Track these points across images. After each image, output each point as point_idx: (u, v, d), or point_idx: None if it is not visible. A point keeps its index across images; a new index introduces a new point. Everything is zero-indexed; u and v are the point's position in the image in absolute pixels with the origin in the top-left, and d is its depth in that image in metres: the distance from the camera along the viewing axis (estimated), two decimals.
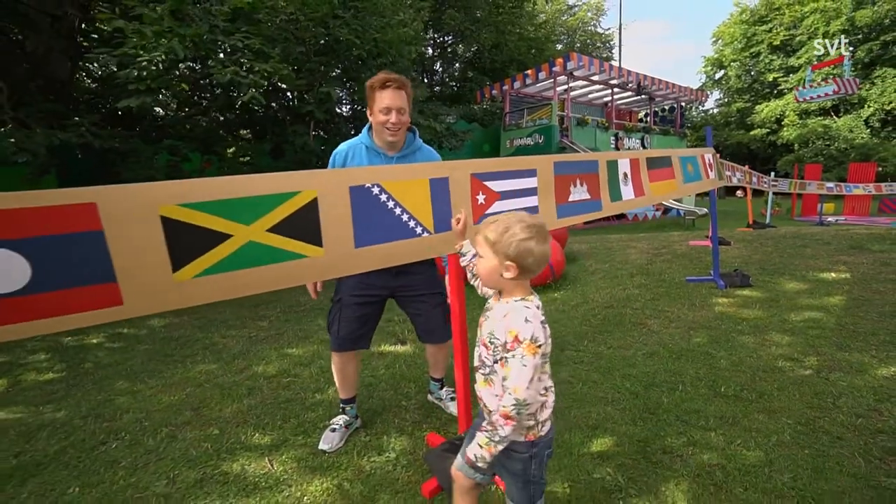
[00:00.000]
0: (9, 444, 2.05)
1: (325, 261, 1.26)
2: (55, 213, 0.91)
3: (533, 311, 1.00)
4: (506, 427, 0.98)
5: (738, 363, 2.31)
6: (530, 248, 0.99)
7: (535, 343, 0.97)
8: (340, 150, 1.73)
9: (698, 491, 1.47)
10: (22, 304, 0.92)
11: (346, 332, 1.81)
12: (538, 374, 0.98)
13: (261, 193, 1.13)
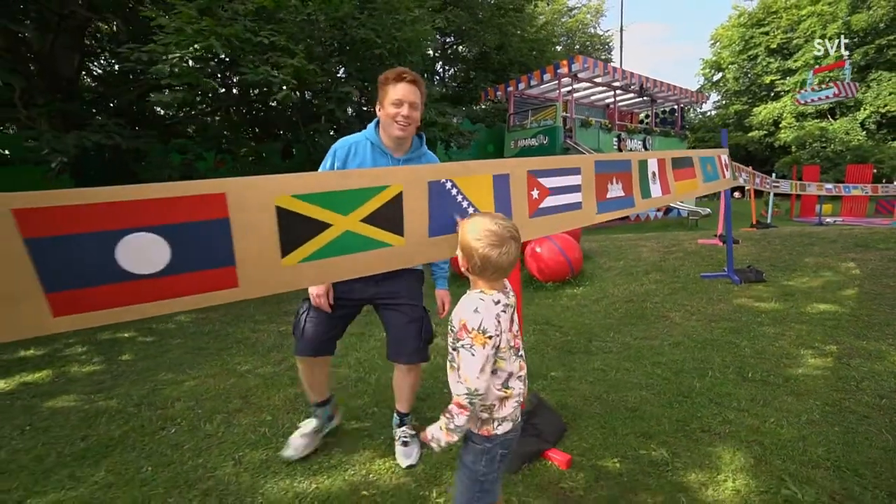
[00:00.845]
0: (71, 428, 2.14)
1: (405, 249, 1.36)
2: (193, 202, 1.02)
3: (486, 304, 1.01)
4: (460, 416, 1.00)
5: (761, 351, 2.44)
6: (475, 248, 1.02)
7: (484, 333, 0.98)
8: (342, 145, 1.64)
9: (740, 463, 1.59)
10: (160, 285, 1.02)
11: (312, 334, 1.68)
12: (489, 365, 1.00)
13: (357, 187, 1.24)
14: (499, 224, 1.05)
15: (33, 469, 1.81)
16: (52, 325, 0.94)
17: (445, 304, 1.78)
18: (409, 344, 1.70)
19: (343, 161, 1.62)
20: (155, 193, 0.98)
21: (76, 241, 0.91)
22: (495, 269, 1.03)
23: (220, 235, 1.06)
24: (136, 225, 0.96)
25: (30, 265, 0.88)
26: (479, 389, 0.99)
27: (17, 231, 0.85)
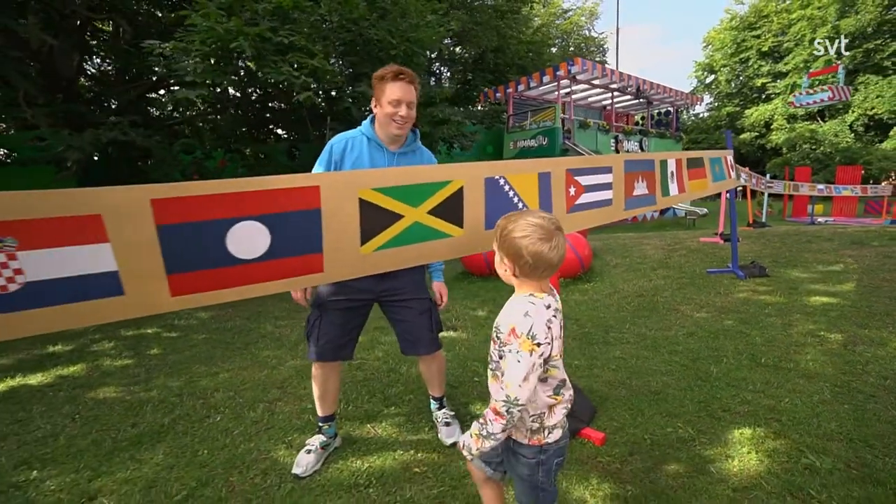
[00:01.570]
0: (119, 417, 2.23)
1: (463, 240, 1.49)
2: (292, 194, 1.13)
3: (537, 308, 0.95)
4: (494, 423, 0.96)
5: (771, 340, 2.59)
6: (524, 245, 0.95)
7: (532, 340, 0.92)
8: (338, 141, 1.66)
9: (761, 437, 1.73)
10: (260, 269, 1.14)
11: (327, 339, 1.68)
12: (536, 373, 0.93)
13: (425, 181, 1.36)
14: (542, 218, 0.99)
15: (94, 452, 1.91)
16: (169, 304, 1.05)
17: (443, 296, 1.84)
18: (422, 336, 1.75)
19: (340, 156, 1.64)
20: (259, 186, 1.09)
21: (195, 229, 1.02)
22: (547, 266, 0.97)
23: (313, 225, 1.18)
24: (243, 214, 1.08)
25: (158, 249, 0.99)
26: (519, 399, 0.92)
27: (152, 218, 0.96)
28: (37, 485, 1.71)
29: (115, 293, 0.98)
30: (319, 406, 1.81)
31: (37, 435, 2.08)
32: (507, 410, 0.94)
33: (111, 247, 0.94)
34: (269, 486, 1.63)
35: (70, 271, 0.92)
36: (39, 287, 0.89)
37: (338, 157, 1.64)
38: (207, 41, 3.75)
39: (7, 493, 1.66)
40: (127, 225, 0.94)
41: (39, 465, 1.83)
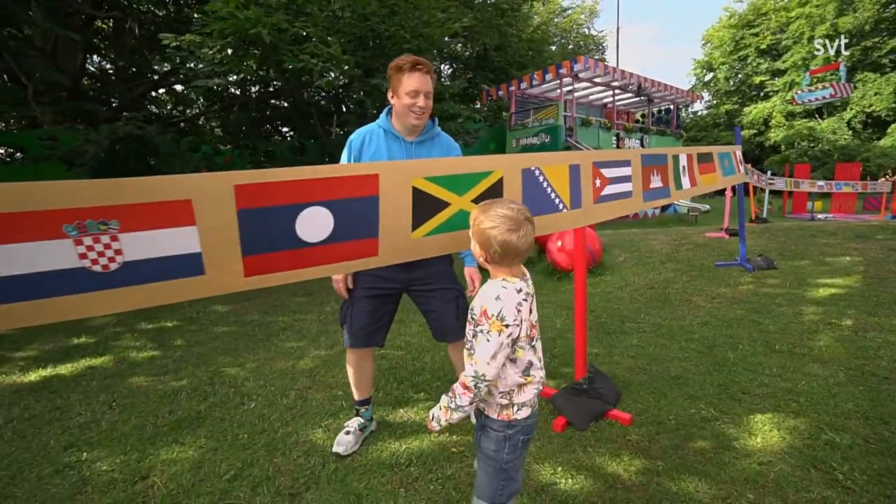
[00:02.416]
0: (155, 404, 2.30)
1: None
2: (355, 181, 1.20)
3: (508, 292, 1.01)
4: (462, 396, 1.02)
5: (783, 328, 2.68)
6: (492, 235, 1.01)
7: (502, 321, 0.98)
8: (357, 136, 1.68)
9: (781, 416, 1.82)
10: (323, 252, 1.21)
11: (359, 326, 1.74)
12: (504, 352, 1.00)
13: (470, 171, 1.43)
14: (511, 208, 1.03)
15: (138, 436, 1.98)
16: (242, 284, 1.12)
17: (475, 281, 1.82)
18: (451, 324, 1.78)
19: (359, 150, 1.67)
20: (326, 174, 1.16)
21: (269, 213, 1.09)
22: (516, 254, 1.03)
23: (371, 210, 1.25)
24: (312, 199, 1.15)
25: (236, 232, 1.06)
26: (486, 375, 0.99)
27: (234, 203, 1.03)
28: (88, 465, 1.78)
29: (197, 273, 1.05)
30: (355, 390, 1.89)
31: (79, 421, 2.15)
32: (474, 385, 1.01)
33: (197, 230, 1.01)
34: (313, 466, 1.71)
35: (161, 252, 0.99)
36: (135, 266, 0.96)
37: (356, 153, 1.67)
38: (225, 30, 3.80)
39: (63, 473, 1.73)
40: (212, 209, 1.01)
41: (88, 448, 1.90)
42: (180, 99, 10.81)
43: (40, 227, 0.84)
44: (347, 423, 1.87)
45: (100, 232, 0.90)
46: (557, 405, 1.93)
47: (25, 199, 0.81)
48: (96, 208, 0.88)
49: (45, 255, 0.86)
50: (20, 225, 0.82)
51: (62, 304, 0.90)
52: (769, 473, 1.50)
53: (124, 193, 0.91)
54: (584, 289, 1.97)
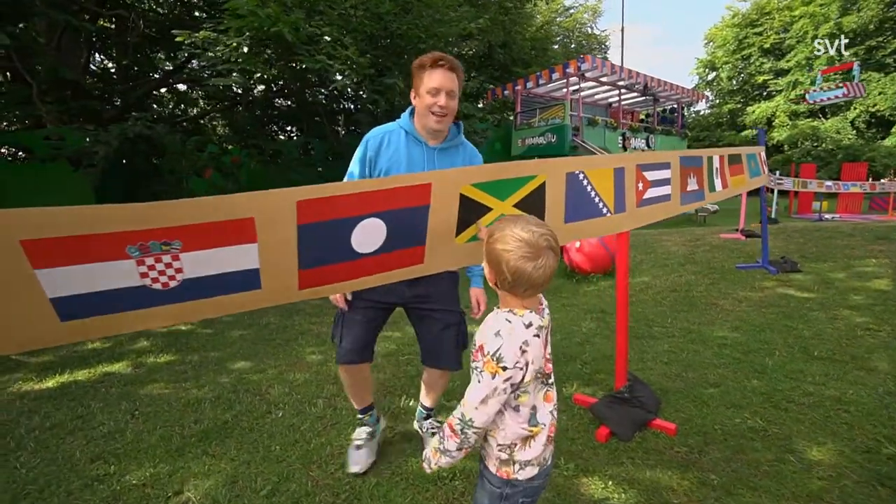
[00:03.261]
0: (179, 413, 2.23)
1: None
2: (409, 192, 1.14)
3: (511, 327, 0.86)
4: (449, 440, 0.90)
5: (819, 333, 2.62)
6: (505, 259, 0.86)
7: (498, 362, 0.83)
8: (374, 135, 1.55)
9: (833, 428, 1.76)
10: (374, 262, 1.15)
11: (351, 340, 1.61)
12: (498, 398, 0.85)
13: (513, 176, 1.37)
14: (532, 231, 0.86)
15: (165, 448, 1.91)
16: (296, 296, 1.07)
17: (481, 304, 1.70)
18: (445, 351, 1.67)
19: (376, 151, 1.53)
20: (384, 185, 1.11)
21: (328, 226, 1.04)
22: (528, 286, 0.87)
23: (421, 219, 1.20)
24: (369, 211, 1.09)
25: (295, 247, 1.01)
26: (474, 421, 0.86)
27: (295, 219, 0.98)
28: (117, 479, 1.72)
29: (253, 287, 1.00)
30: (355, 401, 1.78)
31: (102, 431, 2.08)
32: (461, 430, 0.88)
33: (258, 246, 0.96)
34: (352, 481, 1.65)
35: (220, 269, 0.94)
36: (194, 283, 0.92)
37: (373, 154, 1.53)
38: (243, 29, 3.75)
39: (92, 487, 1.67)
40: (274, 226, 0.96)
41: (114, 460, 1.84)
42: (182, 98, 10.76)
43: (106, 249, 0.82)
44: (355, 436, 1.74)
45: (162, 252, 0.87)
46: (600, 414, 1.87)
47: (92, 222, 0.79)
48: (160, 230, 0.85)
49: (109, 275, 0.85)
50: (88, 247, 0.81)
51: (125, 318, 0.90)
52: (833, 490, 1.44)
53: (188, 214, 0.86)
54: (625, 295, 1.91)
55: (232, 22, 3.84)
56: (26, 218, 0.74)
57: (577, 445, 1.78)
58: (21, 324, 0.81)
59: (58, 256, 0.78)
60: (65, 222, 0.77)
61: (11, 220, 0.73)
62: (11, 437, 2.04)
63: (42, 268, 0.78)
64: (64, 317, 0.83)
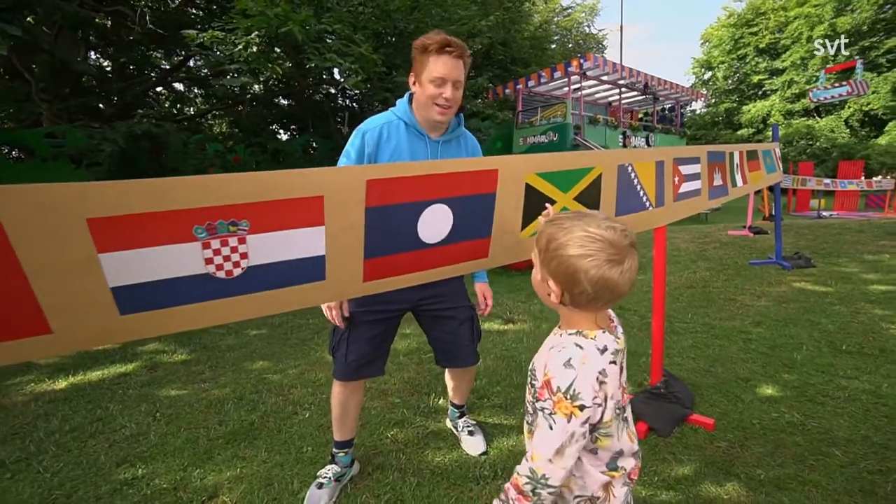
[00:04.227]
0: (202, 414, 2.18)
1: None
2: (475, 177, 1.11)
3: (586, 354, 0.71)
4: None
5: (844, 327, 2.62)
6: (584, 269, 0.68)
7: (573, 401, 0.68)
8: (372, 128, 1.38)
9: (874, 421, 1.75)
10: (439, 253, 1.11)
11: (357, 356, 1.48)
12: (576, 445, 0.69)
13: (575, 167, 1.34)
14: (611, 228, 0.71)
15: (192, 450, 1.87)
16: (359, 289, 1.03)
17: (488, 299, 1.63)
18: (463, 348, 1.58)
19: (375, 146, 1.38)
20: (451, 168, 1.07)
21: (395, 211, 1.00)
22: (612, 297, 0.71)
23: (487, 209, 1.16)
24: (436, 196, 1.05)
25: (361, 233, 0.96)
26: (549, 479, 0.69)
27: (364, 200, 0.93)
28: (147, 482, 1.67)
29: (317, 278, 0.95)
30: (337, 429, 1.59)
31: (124, 433, 2.03)
32: (532, 490, 0.70)
33: (325, 230, 0.91)
34: (392, 482, 1.61)
35: (286, 255, 0.89)
36: (258, 272, 0.87)
37: (372, 149, 1.38)
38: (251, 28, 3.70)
39: (121, 491, 1.62)
40: (342, 206, 0.91)
41: (141, 464, 1.79)
42: (179, 97, 10.64)
43: (173, 229, 0.75)
44: (321, 473, 1.57)
45: (229, 234, 0.81)
46: (637, 411, 1.85)
47: (158, 197, 0.72)
48: (228, 207, 0.78)
49: (173, 260, 0.77)
50: (151, 227, 0.73)
51: (185, 313, 0.81)
52: (885, 484, 1.43)
53: (258, 189, 0.81)
54: (662, 292, 1.89)
55: (241, 22, 3.79)
56: (96, 192, 0.66)
57: None
58: (80, 319, 0.72)
59: (124, 238, 0.70)
60: (136, 198, 0.69)
61: (79, 194, 0.65)
62: (31, 441, 1.99)
63: (107, 251, 0.70)
64: (124, 310, 0.75)
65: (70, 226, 0.67)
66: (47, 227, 0.66)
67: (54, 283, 0.69)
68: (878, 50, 19.95)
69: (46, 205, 0.65)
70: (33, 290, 0.69)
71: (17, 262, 0.66)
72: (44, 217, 0.65)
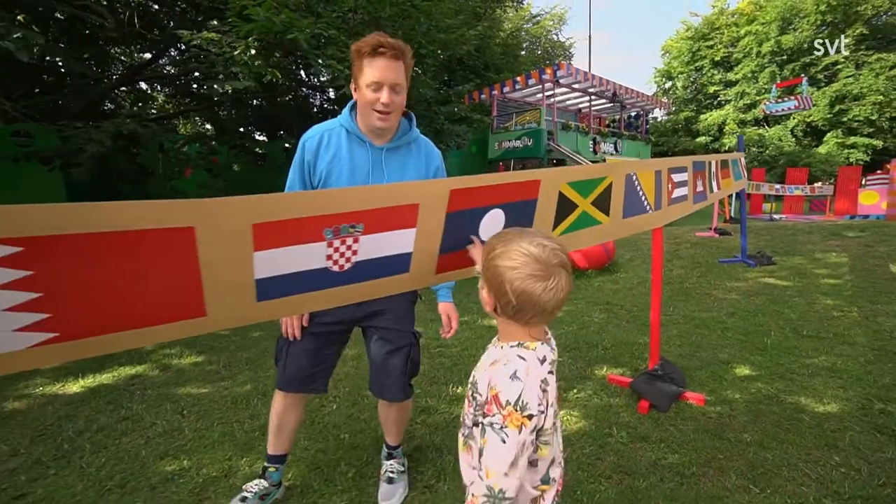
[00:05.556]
0: (229, 410, 2.26)
1: (609, 226, 1.70)
2: (522, 186, 1.30)
3: (528, 366, 0.74)
4: None
5: (803, 315, 3.01)
6: (509, 279, 0.73)
7: (522, 412, 0.70)
8: (311, 136, 1.35)
9: (832, 391, 2.08)
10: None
11: (294, 368, 1.45)
12: (527, 454, 0.72)
13: (592, 177, 1.57)
14: (543, 246, 0.74)
15: (231, 443, 1.95)
16: (432, 280, 1.21)
17: (453, 321, 1.51)
18: (392, 378, 1.49)
19: (314, 153, 1.34)
20: (510, 179, 1.26)
21: (465, 215, 1.18)
22: (535, 313, 0.74)
23: (530, 211, 1.36)
24: (495, 202, 1.24)
25: (440, 234, 1.14)
26: (506, 491, 0.70)
27: (446, 207, 1.11)
28: (195, 472, 1.75)
29: (403, 271, 1.12)
30: (272, 441, 1.54)
31: (156, 430, 2.08)
32: None
33: (416, 231, 1.08)
34: (433, 460, 1.77)
35: (383, 252, 1.06)
36: (361, 265, 1.03)
37: (311, 157, 1.34)
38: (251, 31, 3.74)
39: (173, 481, 1.70)
40: (431, 212, 1.09)
41: (184, 456, 1.86)
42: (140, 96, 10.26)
43: (308, 231, 0.91)
44: (247, 486, 1.53)
45: (348, 234, 0.97)
46: (640, 390, 2.10)
47: (305, 205, 0.88)
48: (350, 213, 0.95)
49: (303, 257, 0.93)
50: (295, 230, 0.89)
51: (306, 299, 0.98)
52: (844, 438, 1.74)
53: (374, 198, 0.98)
54: (659, 285, 2.15)
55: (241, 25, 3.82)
56: (261, 203, 0.82)
57: (625, 417, 2.00)
58: (228, 304, 0.88)
59: (274, 239, 0.85)
60: (287, 206, 0.85)
61: (249, 205, 0.81)
62: (62, 440, 2.01)
63: (260, 250, 0.86)
64: (260, 297, 0.91)
65: (241, 230, 0.82)
66: (224, 231, 0.81)
67: (218, 275, 0.84)
68: (817, 66, 21.85)
69: (226, 214, 0.80)
70: (202, 282, 0.83)
71: (198, 258, 0.81)
72: (224, 222, 0.80)
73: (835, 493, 1.46)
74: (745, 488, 1.51)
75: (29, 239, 0.66)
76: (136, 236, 0.73)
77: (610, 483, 1.58)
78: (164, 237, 0.75)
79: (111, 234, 0.71)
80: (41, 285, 0.69)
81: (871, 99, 19.51)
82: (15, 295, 0.68)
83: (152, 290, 0.80)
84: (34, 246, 0.66)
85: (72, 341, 0.77)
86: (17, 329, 0.71)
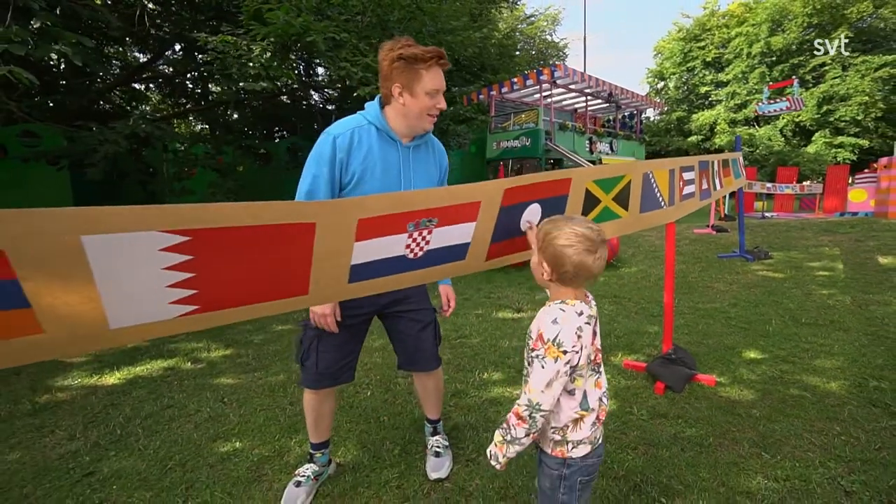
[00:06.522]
0: (269, 398, 2.38)
1: (627, 220, 1.87)
2: (556, 184, 1.46)
3: (567, 315, 0.96)
4: (517, 428, 0.95)
5: (801, 305, 3.20)
6: (568, 255, 0.96)
7: (558, 347, 0.92)
8: (342, 133, 1.37)
9: (832, 372, 2.26)
10: (522, 241, 1.45)
11: (326, 364, 1.50)
12: (561, 380, 0.93)
13: (613, 175, 1.73)
14: (589, 227, 1.00)
15: (278, 426, 2.07)
16: (482, 266, 1.37)
17: (451, 301, 1.66)
18: (426, 350, 1.61)
19: (347, 151, 1.37)
20: (549, 177, 1.41)
21: (515, 208, 1.33)
22: (587, 276, 0.98)
23: (561, 205, 1.52)
24: (535, 197, 1.40)
25: (493, 225, 1.30)
26: (541, 404, 0.93)
27: (499, 202, 1.26)
28: (249, 452, 1.88)
29: (460, 258, 1.28)
30: (313, 432, 1.63)
31: (202, 416, 2.20)
32: (529, 415, 0.94)
33: (475, 224, 1.23)
34: (470, 437, 1.91)
35: (448, 242, 1.21)
36: (431, 253, 1.18)
37: (343, 154, 1.37)
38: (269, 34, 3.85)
39: (230, 460, 1.82)
40: (490, 208, 1.24)
41: (235, 439, 1.98)
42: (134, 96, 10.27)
43: (396, 225, 1.06)
44: (299, 472, 1.61)
45: (425, 227, 1.12)
46: (655, 373, 2.27)
47: (398, 203, 1.03)
48: (430, 209, 1.10)
49: (389, 246, 1.08)
50: (388, 224, 1.04)
51: (386, 281, 1.14)
52: (843, 412, 1.91)
53: (447, 197, 1.13)
54: (672, 273, 2.32)
55: (259, 28, 3.93)
56: (363, 202, 0.97)
57: (642, 398, 2.16)
58: (326, 287, 1.03)
59: (370, 231, 1.00)
60: (385, 204, 1.00)
61: (354, 204, 0.96)
62: (114, 426, 2.12)
63: (359, 240, 1.01)
64: (351, 279, 1.06)
65: (349, 224, 0.97)
66: (338, 225, 0.95)
67: (325, 260, 0.98)
68: (805, 68, 22.33)
69: (341, 211, 0.95)
70: (311, 267, 0.98)
71: (313, 247, 0.95)
72: (339, 219, 0.95)
73: (837, 457, 1.64)
74: (757, 455, 1.68)
75: (195, 230, 0.79)
76: (274, 229, 0.87)
77: (636, 453, 1.74)
78: (292, 230, 0.90)
79: (258, 228, 0.85)
80: (197, 267, 0.83)
81: (857, 100, 19.99)
82: (177, 275, 0.82)
83: (272, 272, 0.94)
84: (199, 236, 0.80)
85: (206, 313, 0.91)
86: (172, 302, 0.85)
